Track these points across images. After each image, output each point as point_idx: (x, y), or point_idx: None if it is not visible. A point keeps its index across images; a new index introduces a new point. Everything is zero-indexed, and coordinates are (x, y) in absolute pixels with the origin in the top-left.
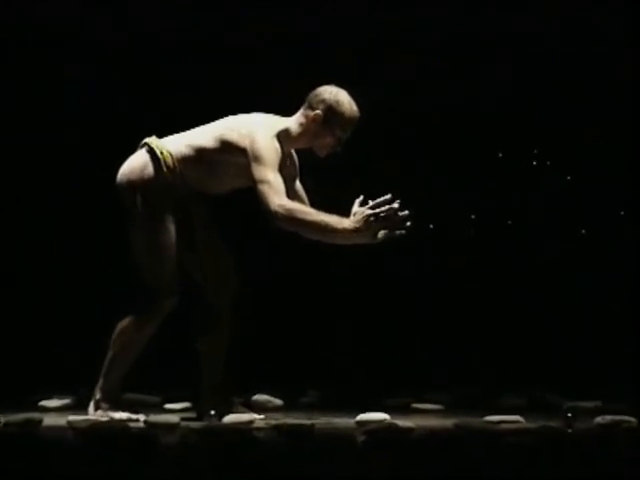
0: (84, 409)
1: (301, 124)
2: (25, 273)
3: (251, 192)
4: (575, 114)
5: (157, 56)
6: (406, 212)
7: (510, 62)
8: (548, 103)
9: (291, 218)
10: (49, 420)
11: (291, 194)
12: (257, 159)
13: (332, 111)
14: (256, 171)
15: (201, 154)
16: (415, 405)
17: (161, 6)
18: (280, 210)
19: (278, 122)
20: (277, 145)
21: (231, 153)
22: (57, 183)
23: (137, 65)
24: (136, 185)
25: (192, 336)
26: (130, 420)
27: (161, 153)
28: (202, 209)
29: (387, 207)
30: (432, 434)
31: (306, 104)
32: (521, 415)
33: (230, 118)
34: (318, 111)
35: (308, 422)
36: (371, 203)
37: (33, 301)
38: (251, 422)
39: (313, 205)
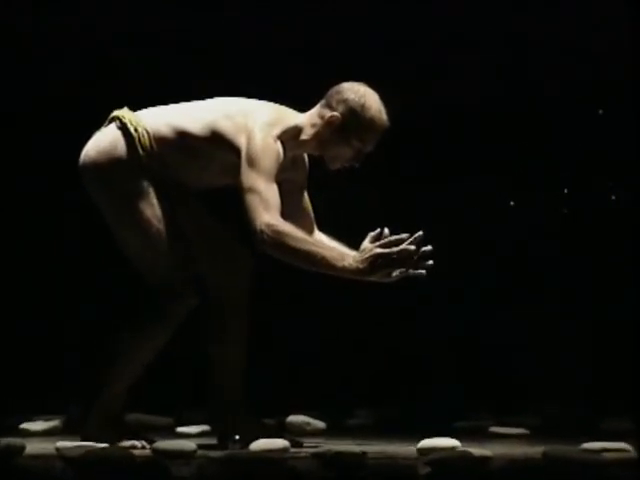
0: (76, 433)
1: (313, 125)
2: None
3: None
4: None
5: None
6: (429, 248)
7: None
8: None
9: (279, 243)
10: (33, 447)
11: (292, 210)
12: (251, 161)
13: (354, 116)
14: (246, 176)
15: (183, 139)
16: (493, 429)
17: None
18: (267, 231)
19: (286, 117)
20: (279, 147)
21: (221, 146)
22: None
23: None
24: (104, 169)
25: (202, 342)
26: (134, 447)
27: (135, 130)
28: (186, 196)
29: (401, 247)
30: (515, 465)
31: (324, 101)
32: (627, 442)
33: (227, 101)
34: (336, 113)
35: (357, 450)
36: (382, 240)
37: (13, 304)
38: (285, 449)
39: (320, 226)
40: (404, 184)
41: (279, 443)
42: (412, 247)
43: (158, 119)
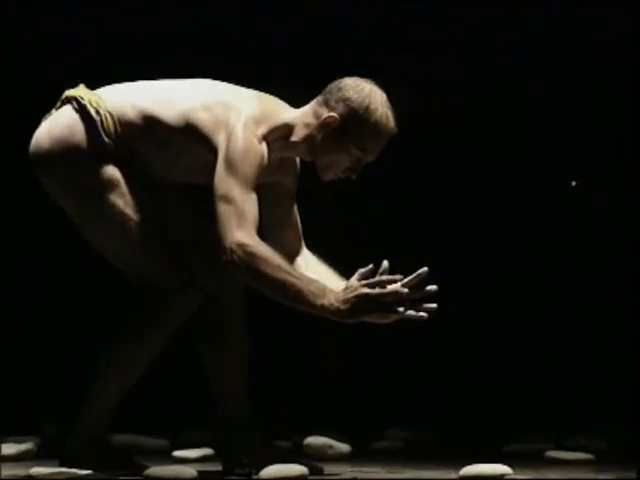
0: (54, 457)
1: (306, 125)
2: None
3: None
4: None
5: None
6: (434, 288)
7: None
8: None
9: (250, 267)
10: (3, 473)
11: (276, 221)
12: (228, 164)
13: (356, 119)
14: (222, 181)
15: (152, 126)
16: (551, 453)
17: None
18: (238, 251)
19: (275, 112)
20: (263, 150)
21: (195, 141)
22: None
23: None
24: (62, 159)
25: (196, 347)
26: (123, 474)
27: (97, 113)
28: (162, 189)
29: (391, 289)
30: None
31: (322, 97)
32: None
33: (206, 86)
34: (334, 114)
35: (388, 477)
36: (371, 279)
37: None
38: (303, 477)
39: (308, 244)
40: (408, 189)
41: (295, 469)
42: (405, 290)
43: (122, 100)
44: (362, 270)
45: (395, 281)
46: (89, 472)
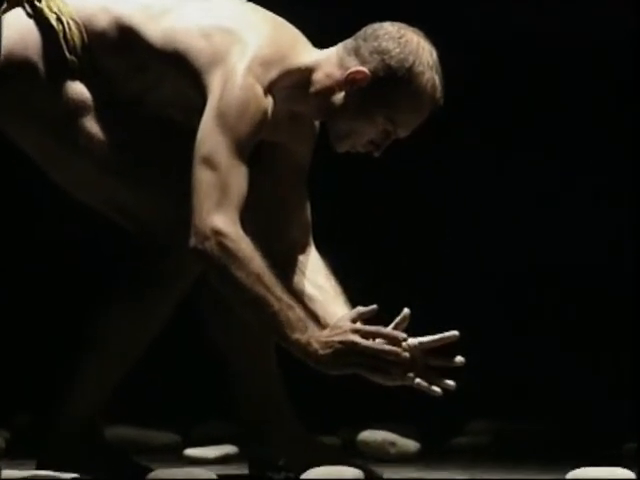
0: (30, 456)
1: (327, 75)
2: None
3: None
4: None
5: None
6: (460, 360)
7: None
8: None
9: (220, 265)
10: None
11: (277, 203)
12: (219, 117)
13: (392, 80)
14: (207, 137)
15: (128, 41)
16: None
17: None
18: (212, 239)
19: (291, 50)
20: (268, 103)
21: (181, 73)
22: None
23: None
24: (11, 80)
25: (205, 327)
26: (122, 478)
27: (58, 20)
28: (141, 117)
29: (391, 348)
30: None
31: (353, 42)
32: None
33: (207, 2)
34: (365, 68)
35: None
36: (368, 327)
37: None
38: None
39: (316, 236)
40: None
41: (347, 473)
42: (406, 355)
43: (91, 2)
44: (361, 309)
45: (398, 340)
46: (75, 476)
